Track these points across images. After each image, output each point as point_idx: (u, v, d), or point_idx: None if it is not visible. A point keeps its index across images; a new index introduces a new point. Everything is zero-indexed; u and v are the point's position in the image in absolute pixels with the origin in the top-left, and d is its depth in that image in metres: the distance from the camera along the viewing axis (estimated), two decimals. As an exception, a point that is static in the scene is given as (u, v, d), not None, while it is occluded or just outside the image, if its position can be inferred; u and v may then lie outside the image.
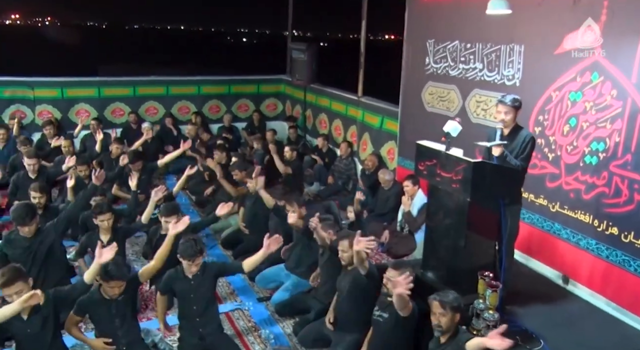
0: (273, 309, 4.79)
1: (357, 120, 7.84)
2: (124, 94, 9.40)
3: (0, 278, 3.28)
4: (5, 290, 3.28)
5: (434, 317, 3.14)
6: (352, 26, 22.07)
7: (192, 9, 71.11)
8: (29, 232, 4.38)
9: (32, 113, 8.85)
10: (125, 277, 3.61)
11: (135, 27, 47.41)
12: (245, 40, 39.89)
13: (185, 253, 3.77)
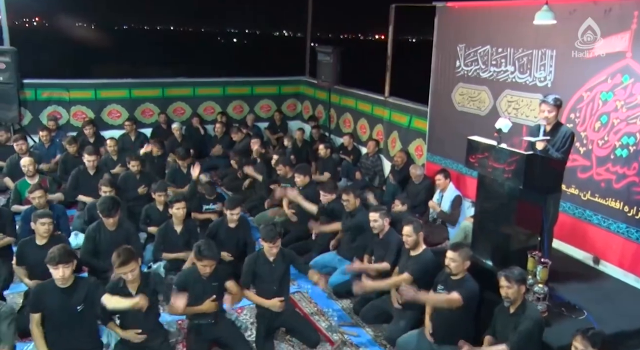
0: (329, 291, 5.25)
1: (383, 119, 8.30)
2: (153, 95, 9.79)
3: (117, 258, 3.70)
4: (122, 269, 3.70)
5: (502, 290, 3.57)
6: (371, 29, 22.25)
7: (213, 13, 71.74)
8: (113, 224, 4.80)
9: (67, 114, 9.21)
10: (216, 257, 4.06)
11: (157, 29, 47.80)
12: (265, 43, 40.67)
13: (267, 236, 4.21)
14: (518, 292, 3.58)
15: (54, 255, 3.63)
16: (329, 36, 9.37)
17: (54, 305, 3.68)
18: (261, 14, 28.50)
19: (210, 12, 35.02)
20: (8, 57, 8.35)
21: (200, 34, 48.34)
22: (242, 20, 34.70)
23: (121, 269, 3.71)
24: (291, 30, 19.54)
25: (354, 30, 23.28)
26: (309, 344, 4.35)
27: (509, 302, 3.60)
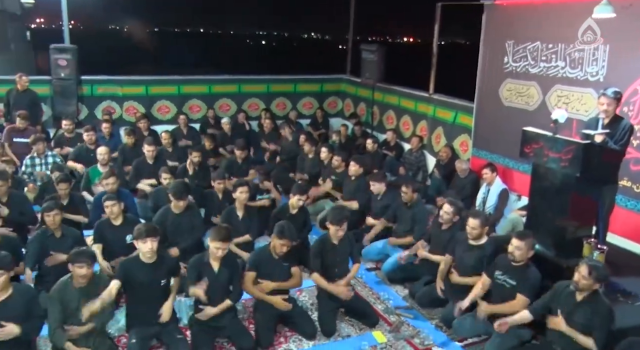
0: (382, 277, 5.45)
1: (427, 115, 8.47)
2: (200, 92, 10.14)
3: (218, 235, 3.99)
4: (218, 244, 4.00)
5: (578, 275, 3.64)
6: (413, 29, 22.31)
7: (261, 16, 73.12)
8: (181, 207, 5.10)
9: (120, 109, 9.62)
10: (294, 239, 4.32)
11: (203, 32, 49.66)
12: (308, 43, 42.07)
13: (334, 219, 4.44)
14: (591, 286, 3.62)
15: (142, 230, 3.92)
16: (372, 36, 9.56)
17: (139, 279, 3.96)
18: (304, 16, 29.59)
19: (256, 15, 36.65)
20: (69, 55, 8.82)
21: (245, 36, 49.90)
22: (287, 22, 35.85)
23: (218, 244, 3.99)
24: (333, 31, 20.06)
25: (396, 31, 23.57)
26: (369, 324, 4.56)
27: (575, 288, 3.69)
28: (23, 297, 3.64)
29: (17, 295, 3.62)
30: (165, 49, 25.21)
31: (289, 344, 4.28)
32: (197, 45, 30.83)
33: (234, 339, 4.20)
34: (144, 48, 27.69)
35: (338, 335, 4.42)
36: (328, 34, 44.22)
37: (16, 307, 3.56)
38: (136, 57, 20.31)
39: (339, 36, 32.89)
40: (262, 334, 4.22)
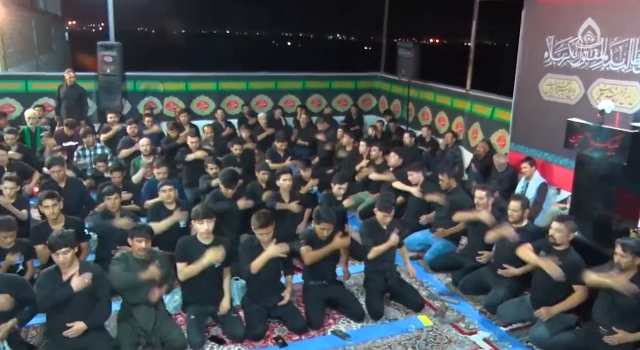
0: (424, 265, 5.57)
1: (464, 111, 8.54)
2: (238, 88, 10.39)
3: (257, 221, 4.18)
4: (261, 230, 4.18)
5: (616, 257, 3.76)
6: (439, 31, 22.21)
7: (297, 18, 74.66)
8: (230, 194, 5.30)
9: (161, 104, 9.91)
10: (333, 221, 4.47)
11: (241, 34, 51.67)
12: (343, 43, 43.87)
13: (382, 206, 4.59)
14: (632, 262, 3.71)
15: (199, 212, 4.13)
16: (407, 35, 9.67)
17: (196, 259, 4.16)
18: (339, 16, 30.35)
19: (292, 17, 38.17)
20: (115, 52, 9.13)
21: (283, 37, 51.58)
22: (323, 22, 36.97)
23: (259, 230, 4.17)
24: (368, 31, 20.27)
25: (431, 30, 23.52)
26: (414, 308, 4.68)
27: (619, 269, 3.78)
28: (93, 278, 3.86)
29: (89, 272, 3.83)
30: (204, 49, 25.90)
31: (338, 325, 4.43)
32: (235, 46, 31.69)
33: (285, 319, 4.36)
34: (183, 47, 28.57)
35: (385, 318, 4.56)
36: (353, 35, 44.98)
37: None
38: (176, 57, 20.82)
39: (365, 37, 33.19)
40: (313, 315, 4.38)
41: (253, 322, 4.22)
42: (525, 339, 4.28)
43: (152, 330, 3.99)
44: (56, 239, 3.72)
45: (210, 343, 4.13)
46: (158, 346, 3.97)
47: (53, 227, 4.67)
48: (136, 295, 4.01)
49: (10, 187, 5.25)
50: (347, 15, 27.86)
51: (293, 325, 4.30)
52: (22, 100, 9.08)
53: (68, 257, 3.71)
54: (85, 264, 3.97)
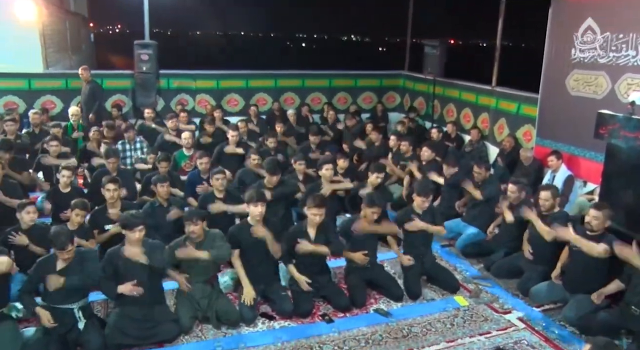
0: (456, 252, 5.82)
1: (490, 107, 8.76)
2: (267, 86, 10.71)
3: (312, 201, 4.50)
4: (315, 210, 4.50)
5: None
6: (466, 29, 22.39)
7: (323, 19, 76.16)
8: (275, 181, 5.59)
9: (193, 101, 10.26)
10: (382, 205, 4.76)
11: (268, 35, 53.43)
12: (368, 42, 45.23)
13: (422, 191, 4.85)
14: None
15: (253, 195, 4.43)
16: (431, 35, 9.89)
17: (248, 243, 4.46)
18: (364, 17, 31.38)
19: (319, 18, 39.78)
20: (151, 50, 9.50)
21: (311, 39, 52.85)
22: (348, 23, 38.14)
23: (314, 210, 4.48)
24: (392, 29, 20.69)
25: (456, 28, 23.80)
26: (450, 290, 4.93)
27: None
28: (154, 251, 4.16)
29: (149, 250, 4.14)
30: (234, 50, 26.55)
31: (379, 305, 4.70)
32: (263, 46, 32.47)
33: (330, 298, 4.64)
34: (215, 47, 29.38)
35: (423, 298, 4.82)
36: (377, 35, 45.99)
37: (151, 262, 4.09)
38: (208, 58, 21.36)
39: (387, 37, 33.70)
40: (356, 294, 4.65)
41: (301, 299, 4.50)
42: (558, 318, 4.50)
43: (207, 306, 4.30)
44: (130, 218, 4.04)
45: (261, 318, 4.42)
46: (213, 320, 4.28)
47: (110, 211, 5.02)
48: (192, 273, 4.33)
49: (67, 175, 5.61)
50: (372, 16, 28.29)
51: (338, 304, 4.58)
52: (63, 97, 9.51)
53: (143, 234, 4.02)
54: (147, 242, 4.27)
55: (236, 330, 4.24)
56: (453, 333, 4.28)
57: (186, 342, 4.08)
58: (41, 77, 9.39)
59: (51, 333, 3.83)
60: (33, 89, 9.30)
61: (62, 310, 3.90)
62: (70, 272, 3.89)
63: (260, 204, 4.41)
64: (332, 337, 4.19)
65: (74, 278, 3.83)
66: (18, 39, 9.22)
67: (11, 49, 9.13)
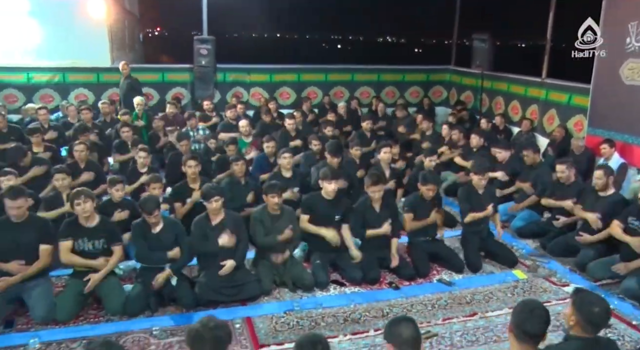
0: (512, 233, 6.04)
1: (539, 99, 8.92)
2: (317, 80, 11.10)
3: (370, 179, 4.84)
4: (373, 188, 4.84)
5: None
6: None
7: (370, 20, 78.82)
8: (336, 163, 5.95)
9: (247, 94, 10.72)
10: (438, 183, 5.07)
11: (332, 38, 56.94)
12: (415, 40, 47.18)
13: (478, 169, 5.14)
14: None
15: (328, 173, 4.81)
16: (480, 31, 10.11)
17: (320, 212, 4.83)
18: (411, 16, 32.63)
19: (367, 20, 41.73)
20: (209, 45, 10.00)
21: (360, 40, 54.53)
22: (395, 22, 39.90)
23: (374, 187, 4.80)
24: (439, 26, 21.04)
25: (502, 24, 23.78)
26: (508, 265, 5.19)
27: None
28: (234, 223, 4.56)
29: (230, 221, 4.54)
30: (285, 50, 27.49)
31: (442, 275, 4.99)
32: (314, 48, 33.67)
33: (396, 268, 4.97)
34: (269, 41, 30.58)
35: (482, 271, 5.08)
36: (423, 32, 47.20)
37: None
38: (263, 48, 22.12)
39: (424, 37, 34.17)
40: (420, 265, 4.96)
41: (369, 268, 4.83)
42: (617, 291, 4.69)
43: (283, 271, 4.68)
44: (210, 189, 4.46)
45: (333, 284, 4.77)
46: (290, 285, 4.65)
47: (191, 186, 5.47)
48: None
49: (143, 156, 6.10)
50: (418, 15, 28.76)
51: (403, 273, 4.89)
52: (127, 90, 10.08)
53: (220, 204, 4.43)
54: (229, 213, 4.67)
55: (311, 294, 4.60)
56: (514, 301, 4.52)
57: (267, 301, 4.47)
58: (108, 71, 10.00)
59: (149, 288, 4.27)
60: (101, 82, 9.92)
61: (157, 270, 4.34)
62: (164, 234, 4.34)
63: (334, 181, 4.78)
64: (400, 302, 4.51)
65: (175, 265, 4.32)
66: (89, 35, 9.90)
67: (82, 45, 9.81)
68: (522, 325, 2.52)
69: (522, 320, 2.53)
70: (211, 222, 4.49)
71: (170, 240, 4.35)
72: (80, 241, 4.24)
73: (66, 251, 4.23)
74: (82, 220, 4.25)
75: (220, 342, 2.28)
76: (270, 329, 4.07)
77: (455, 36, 11.90)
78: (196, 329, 2.30)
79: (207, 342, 2.25)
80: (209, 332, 2.26)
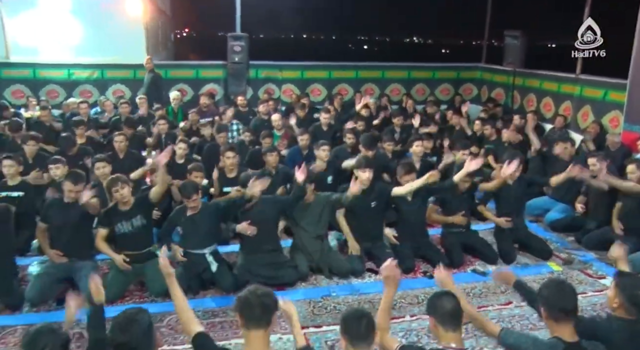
0: (545, 227, 6.04)
1: (573, 95, 8.85)
2: (348, 77, 11.20)
3: (402, 169, 4.95)
4: (406, 177, 4.94)
5: None
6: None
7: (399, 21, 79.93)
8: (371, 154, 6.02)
9: (278, 91, 10.88)
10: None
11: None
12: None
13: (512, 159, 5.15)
14: None
15: (362, 162, 4.90)
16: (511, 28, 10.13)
17: (356, 201, 4.92)
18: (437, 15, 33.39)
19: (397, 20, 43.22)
20: (243, 42, 10.19)
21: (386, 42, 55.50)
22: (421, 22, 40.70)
23: (405, 177, 4.90)
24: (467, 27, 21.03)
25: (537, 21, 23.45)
26: (543, 257, 5.20)
27: None
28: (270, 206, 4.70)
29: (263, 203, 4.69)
30: (316, 49, 27.97)
31: (475, 266, 5.03)
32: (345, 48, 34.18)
33: (430, 257, 5.06)
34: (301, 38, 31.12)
35: (516, 263, 5.11)
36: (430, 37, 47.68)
37: None
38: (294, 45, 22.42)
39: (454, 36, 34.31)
40: (454, 255, 5.02)
41: (404, 257, 4.89)
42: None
43: (319, 258, 4.79)
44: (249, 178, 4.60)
45: (368, 273, 4.86)
46: (326, 271, 4.77)
47: (229, 176, 5.63)
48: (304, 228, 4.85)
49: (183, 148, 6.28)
50: (446, 15, 28.73)
51: (437, 262, 4.93)
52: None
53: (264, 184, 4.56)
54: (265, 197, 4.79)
55: (347, 281, 4.70)
56: (549, 292, 4.55)
57: (304, 287, 4.58)
58: (144, 68, 10.24)
59: (190, 272, 4.43)
60: (137, 78, 10.17)
61: (196, 254, 4.50)
62: (198, 217, 4.49)
63: (368, 169, 4.86)
64: (435, 290, 4.53)
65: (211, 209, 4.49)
66: (126, 33, 10.19)
67: (120, 43, 10.10)
68: (557, 304, 2.56)
69: (556, 300, 2.57)
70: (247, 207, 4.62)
71: (207, 225, 4.49)
72: (120, 225, 4.44)
73: (100, 238, 4.49)
74: (120, 205, 4.45)
75: (267, 308, 2.39)
76: (308, 312, 4.19)
77: (487, 34, 11.85)
78: (245, 296, 2.42)
79: (255, 308, 2.36)
80: (257, 299, 2.38)
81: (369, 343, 2.43)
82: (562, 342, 2.54)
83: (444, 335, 2.54)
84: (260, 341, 2.38)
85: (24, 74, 9.88)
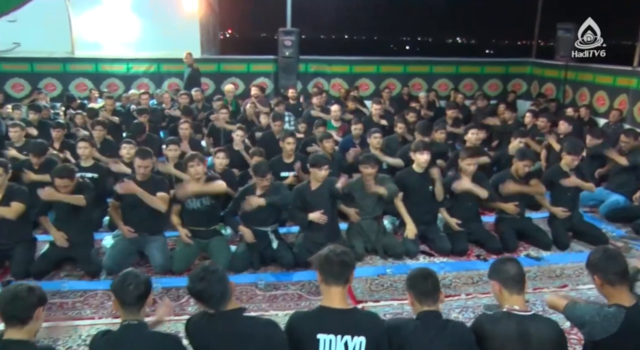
0: (600, 217, 6.00)
1: (629, 88, 8.70)
2: (396, 72, 11.31)
3: (465, 152, 5.02)
4: (469, 160, 4.98)
5: None
6: None
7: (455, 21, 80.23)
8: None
9: (327, 84, 11.09)
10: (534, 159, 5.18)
11: None
12: None
13: (573, 150, 5.17)
14: None
15: (419, 145, 5.02)
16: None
17: (413, 186, 5.06)
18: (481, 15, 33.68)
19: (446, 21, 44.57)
20: (293, 36, 10.43)
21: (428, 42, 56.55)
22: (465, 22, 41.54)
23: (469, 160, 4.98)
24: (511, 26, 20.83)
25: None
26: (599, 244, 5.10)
27: None
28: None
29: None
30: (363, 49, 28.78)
31: (529, 251, 5.08)
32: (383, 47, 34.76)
33: (484, 242, 5.12)
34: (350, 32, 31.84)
35: (570, 249, 5.12)
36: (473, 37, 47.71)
37: None
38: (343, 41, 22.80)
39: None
40: (508, 239, 5.08)
41: (458, 240, 5.00)
42: None
43: (375, 239, 4.95)
44: (320, 157, 4.77)
45: (422, 254, 4.98)
46: (381, 252, 4.92)
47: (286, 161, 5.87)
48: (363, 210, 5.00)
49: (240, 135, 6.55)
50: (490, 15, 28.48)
51: (491, 247, 5.02)
52: (215, 79, 10.74)
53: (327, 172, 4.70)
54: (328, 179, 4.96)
55: (401, 261, 4.84)
56: (606, 277, 4.56)
57: (359, 266, 4.73)
58: (198, 62, 10.63)
59: (252, 248, 4.66)
60: (192, 72, 10.57)
61: (259, 231, 4.71)
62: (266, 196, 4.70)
63: (426, 152, 4.99)
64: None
65: (274, 197, 4.60)
66: (182, 29, 10.59)
67: (176, 38, 10.50)
68: (609, 268, 2.58)
69: (607, 264, 2.60)
70: (311, 188, 4.79)
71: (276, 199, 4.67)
72: (189, 201, 4.70)
73: (174, 213, 4.78)
74: None
75: (345, 266, 2.56)
76: (365, 288, 4.35)
77: (537, 28, 11.72)
78: (326, 254, 2.59)
79: (335, 264, 2.54)
80: (336, 257, 2.55)
81: (434, 300, 2.60)
82: (622, 307, 2.59)
83: (508, 299, 2.64)
84: (338, 296, 2.56)
85: (87, 68, 10.45)
